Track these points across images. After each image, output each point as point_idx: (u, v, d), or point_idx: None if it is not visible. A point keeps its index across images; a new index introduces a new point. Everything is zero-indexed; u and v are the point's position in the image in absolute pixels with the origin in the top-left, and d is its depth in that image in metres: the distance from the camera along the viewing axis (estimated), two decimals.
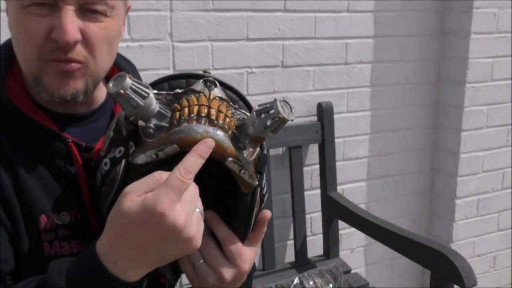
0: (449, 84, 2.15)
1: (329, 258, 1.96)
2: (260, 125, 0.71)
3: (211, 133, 0.68)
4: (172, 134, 0.67)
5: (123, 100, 0.68)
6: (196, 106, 0.70)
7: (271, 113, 0.71)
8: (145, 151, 0.69)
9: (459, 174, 2.16)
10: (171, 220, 0.61)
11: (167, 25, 1.64)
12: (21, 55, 0.81)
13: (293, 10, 1.82)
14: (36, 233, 0.81)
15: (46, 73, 0.79)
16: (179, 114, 0.70)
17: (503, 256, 2.43)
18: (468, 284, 1.40)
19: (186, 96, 0.73)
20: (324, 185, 1.94)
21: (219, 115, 0.71)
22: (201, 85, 0.74)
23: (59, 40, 0.75)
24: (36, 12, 0.76)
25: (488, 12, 2.04)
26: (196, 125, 0.68)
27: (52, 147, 0.82)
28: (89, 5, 0.77)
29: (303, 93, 1.91)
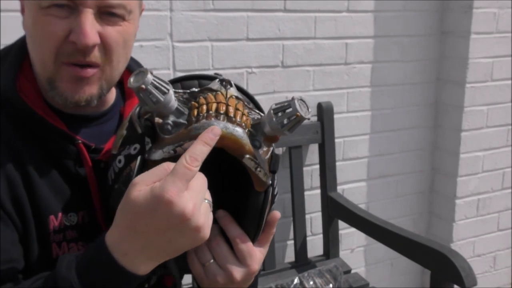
0: (449, 84, 2.15)
1: (329, 258, 1.96)
2: (277, 123, 0.72)
3: (231, 129, 0.68)
4: (191, 130, 0.68)
5: (144, 94, 0.68)
6: (214, 103, 0.71)
7: (289, 111, 0.71)
8: (163, 147, 0.70)
9: (459, 174, 2.16)
10: (179, 208, 0.61)
11: (167, 25, 1.64)
12: (37, 56, 0.81)
13: (293, 10, 1.82)
14: (45, 234, 0.81)
15: (61, 77, 0.79)
16: (197, 111, 0.71)
17: (503, 256, 2.43)
18: (468, 284, 1.40)
19: (203, 95, 0.73)
20: (324, 185, 1.94)
21: (237, 112, 0.71)
22: (218, 84, 0.74)
23: (78, 43, 0.76)
24: (55, 13, 0.76)
25: (488, 12, 2.04)
26: (215, 121, 0.68)
27: (62, 148, 0.82)
28: (108, 9, 0.77)
29: (303, 93, 1.91)
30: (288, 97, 1.87)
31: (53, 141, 0.82)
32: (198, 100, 0.72)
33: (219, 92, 0.73)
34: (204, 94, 0.73)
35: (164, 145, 0.70)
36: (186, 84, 0.78)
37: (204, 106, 0.71)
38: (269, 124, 0.72)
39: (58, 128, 0.82)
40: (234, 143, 0.69)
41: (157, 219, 0.62)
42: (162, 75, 1.66)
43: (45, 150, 0.82)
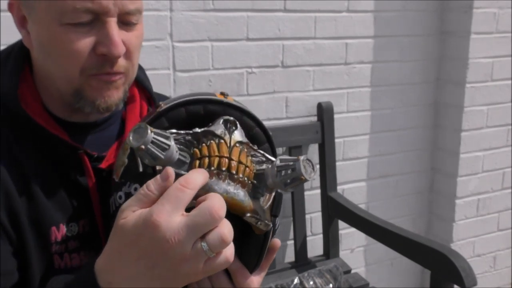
0: (449, 84, 2.15)
1: (329, 258, 1.96)
2: (280, 182, 0.71)
3: (231, 193, 0.68)
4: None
5: (143, 153, 0.66)
6: (216, 157, 0.69)
7: (293, 173, 0.70)
8: None
9: (459, 174, 2.16)
10: (163, 233, 0.57)
11: (167, 25, 1.64)
12: (60, 73, 0.79)
13: (293, 10, 1.82)
14: (46, 245, 0.80)
15: (90, 86, 0.78)
16: (198, 163, 0.69)
17: (503, 256, 2.43)
18: (468, 284, 1.40)
19: (206, 140, 0.71)
20: (324, 185, 1.94)
21: (240, 167, 0.70)
22: (222, 128, 0.72)
23: (109, 54, 0.75)
24: (77, 29, 0.74)
25: (488, 12, 2.04)
26: (216, 183, 0.67)
27: (64, 158, 0.81)
28: (127, 16, 0.77)
29: (303, 93, 1.91)
30: (288, 97, 1.87)
31: (54, 151, 0.81)
32: (201, 148, 0.70)
33: (223, 141, 0.70)
34: (207, 139, 0.71)
35: None
36: (191, 109, 0.75)
37: (206, 159, 0.69)
38: (272, 180, 0.71)
39: (60, 138, 0.81)
40: (235, 206, 0.68)
41: (143, 243, 0.58)
42: (162, 75, 1.67)
43: (46, 160, 0.81)
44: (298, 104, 1.91)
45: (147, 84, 0.95)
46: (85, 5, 0.72)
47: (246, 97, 1.81)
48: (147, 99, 0.95)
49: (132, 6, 0.76)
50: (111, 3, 0.73)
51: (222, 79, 1.76)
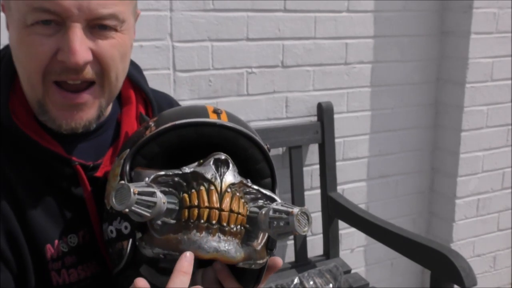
0: (449, 84, 2.15)
1: (329, 258, 1.96)
2: (273, 233, 0.70)
3: (222, 252, 0.67)
4: (181, 243, 0.66)
5: (129, 214, 0.65)
6: (206, 209, 0.67)
7: (286, 227, 0.68)
8: (152, 247, 0.68)
9: (459, 174, 2.16)
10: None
11: (167, 25, 1.64)
12: (24, 77, 0.75)
13: (293, 10, 1.82)
14: (43, 263, 0.78)
15: (52, 101, 0.74)
16: (187, 214, 0.68)
17: (503, 256, 2.43)
18: (468, 284, 1.40)
19: (195, 185, 0.69)
20: (324, 185, 1.94)
21: (231, 217, 0.69)
22: (212, 170, 0.69)
23: (67, 62, 0.70)
24: (41, 31, 0.70)
25: (488, 12, 2.04)
26: (206, 240, 0.66)
27: (58, 171, 0.79)
28: (98, 21, 0.71)
29: (303, 93, 1.91)
30: (288, 97, 1.87)
31: (48, 165, 0.79)
32: (190, 195, 0.68)
33: (213, 188, 0.68)
34: (197, 184, 0.69)
35: (154, 245, 0.68)
36: (182, 133, 0.73)
37: (196, 211, 0.67)
38: (265, 228, 0.70)
39: (54, 152, 0.78)
40: (226, 261, 0.68)
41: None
42: (162, 75, 1.67)
43: (40, 174, 0.78)
44: (298, 104, 1.91)
45: (143, 84, 0.92)
46: (43, 5, 0.69)
47: (246, 97, 1.81)
48: (143, 100, 0.92)
49: (105, 11, 0.71)
50: (74, 6, 0.69)
51: (222, 79, 1.76)
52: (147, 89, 0.92)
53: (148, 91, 0.92)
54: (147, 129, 0.75)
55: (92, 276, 0.82)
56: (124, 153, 0.74)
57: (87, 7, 0.69)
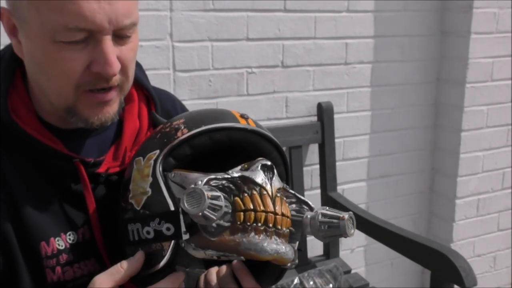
0: (449, 84, 2.15)
1: (329, 258, 1.96)
2: (321, 236, 0.72)
3: (282, 253, 0.69)
4: (239, 245, 0.68)
5: (198, 218, 0.67)
6: (263, 213, 0.69)
7: (336, 230, 0.71)
8: (205, 248, 0.69)
9: (459, 174, 2.16)
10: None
11: (167, 25, 1.64)
12: (53, 89, 0.77)
13: (293, 10, 1.82)
14: (37, 261, 0.79)
15: (83, 104, 0.77)
16: (243, 217, 0.69)
17: (503, 256, 2.43)
18: (468, 284, 1.40)
19: (246, 189, 0.71)
20: (324, 185, 1.94)
21: (283, 221, 0.71)
22: (261, 175, 0.72)
23: (104, 73, 0.73)
24: (70, 47, 0.72)
25: (488, 12, 2.04)
26: (266, 242, 0.68)
27: (58, 168, 0.80)
28: (123, 31, 0.75)
29: (303, 93, 1.91)
30: (288, 97, 1.87)
31: (48, 162, 0.79)
32: (243, 199, 0.70)
33: (265, 193, 0.71)
34: (249, 188, 0.71)
35: (207, 247, 0.69)
36: (215, 136, 0.75)
37: (252, 214, 0.69)
38: (312, 232, 0.73)
39: (54, 149, 0.79)
40: (283, 261, 0.70)
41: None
42: (162, 75, 1.67)
43: (40, 171, 0.79)
44: (298, 104, 1.91)
45: (145, 82, 0.93)
46: (78, 25, 0.70)
47: (246, 97, 1.81)
48: (145, 97, 0.93)
49: (128, 21, 0.74)
50: (105, 21, 0.71)
51: (222, 79, 1.76)
52: (149, 87, 0.93)
53: (150, 89, 0.94)
54: (178, 131, 0.76)
55: (89, 274, 0.82)
56: (153, 154, 0.75)
57: (115, 20, 0.72)
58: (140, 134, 0.89)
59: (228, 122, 0.76)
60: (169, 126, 0.78)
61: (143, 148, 0.79)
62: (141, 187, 0.74)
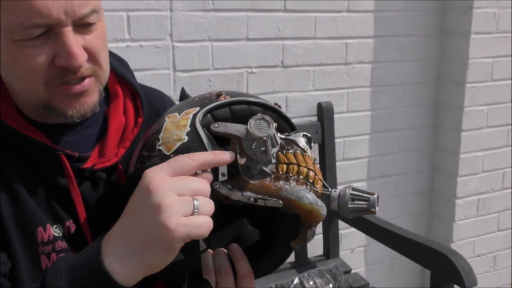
0: (449, 84, 2.15)
1: (329, 258, 1.96)
2: (349, 210, 0.74)
3: (319, 206, 0.70)
4: (281, 190, 0.68)
5: (259, 144, 0.68)
6: (305, 168, 0.71)
7: (365, 205, 0.73)
8: (243, 190, 0.68)
9: (459, 174, 2.16)
10: (149, 179, 0.61)
11: (167, 25, 1.64)
12: (23, 88, 0.76)
13: (293, 10, 1.82)
14: (33, 246, 0.78)
15: (57, 99, 0.76)
16: (286, 168, 0.70)
17: (503, 256, 2.43)
18: (468, 284, 1.40)
19: (291, 149, 0.72)
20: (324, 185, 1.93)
21: (320, 182, 0.73)
22: (304, 142, 0.74)
23: (70, 66, 0.72)
24: (31, 44, 0.71)
25: (488, 12, 2.04)
26: (306, 192, 0.69)
27: (42, 160, 0.80)
28: (83, 20, 0.73)
29: (303, 93, 1.91)
30: (288, 97, 1.87)
31: (32, 154, 0.79)
32: (286, 154, 0.71)
33: (308, 155, 0.73)
34: (292, 148, 0.72)
35: (245, 189, 0.69)
36: (236, 109, 0.76)
37: (296, 167, 0.70)
38: (341, 204, 0.74)
39: (36, 140, 0.79)
40: (316, 219, 0.70)
41: (134, 195, 0.63)
42: (162, 75, 1.67)
43: (26, 164, 0.79)
44: (298, 104, 1.91)
45: (129, 78, 0.92)
46: (34, 21, 0.69)
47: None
48: (131, 93, 0.92)
49: (86, 9, 0.72)
50: (62, 13, 0.69)
51: (222, 79, 1.76)
52: (134, 82, 0.92)
53: (135, 83, 0.92)
54: (220, 96, 0.77)
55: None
56: (192, 110, 0.75)
57: (71, 10, 0.70)
58: (126, 131, 0.88)
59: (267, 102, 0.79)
60: (208, 94, 0.79)
61: (177, 107, 0.78)
62: (175, 135, 0.73)
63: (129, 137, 0.87)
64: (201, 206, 0.62)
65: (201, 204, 0.62)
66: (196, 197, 0.63)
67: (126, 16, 1.57)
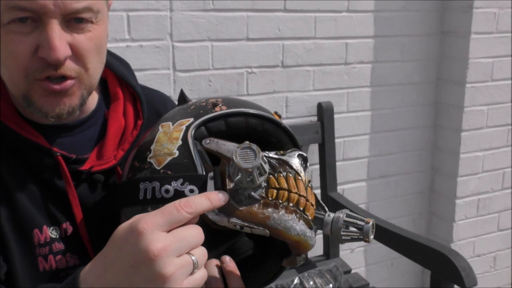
0: (449, 84, 2.15)
1: (329, 258, 1.96)
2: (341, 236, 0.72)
3: (307, 237, 0.68)
4: (268, 219, 0.67)
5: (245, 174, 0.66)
6: (297, 195, 0.69)
7: (359, 232, 0.71)
8: (229, 216, 0.67)
9: (459, 174, 2.16)
10: (146, 242, 0.56)
11: (167, 25, 1.64)
12: (7, 75, 0.76)
13: (293, 10, 1.82)
14: (29, 248, 0.78)
15: (37, 93, 0.75)
16: (276, 193, 0.68)
17: (503, 256, 2.43)
18: (468, 284, 1.40)
19: (282, 170, 0.70)
20: (324, 185, 1.94)
21: (311, 210, 0.70)
22: (298, 163, 0.72)
23: (48, 59, 0.71)
24: (18, 30, 0.71)
25: (488, 12, 2.04)
26: (294, 222, 0.67)
27: (39, 162, 0.79)
28: (74, 15, 0.72)
29: (303, 93, 1.91)
30: (288, 97, 1.87)
31: (29, 155, 0.79)
32: (278, 178, 0.69)
33: (300, 179, 0.70)
34: (284, 171, 0.70)
35: (232, 215, 0.67)
36: (231, 121, 0.74)
37: (286, 193, 0.68)
38: (333, 230, 0.72)
39: (33, 142, 0.79)
40: (304, 249, 0.69)
41: (124, 251, 0.58)
42: (162, 75, 1.67)
43: (24, 165, 0.79)
44: (298, 104, 1.91)
45: (130, 80, 0.92)
46: (18, 3, 0.69)
47: (246, 97, 1.81)
48: (131, 95, 0.92)
49: (78, 5, 0.72)
50: (50, 3, 0.69)
51: (222, 79, 1.76)
52: (135, 85, 0.92)
53: (136, 86, 0.92)
54: (216, 106, 0.74)
55: (79, 265, 0.82)
56: (186, 121, 0.73)
57: (62, 2, 0.70)
58: (125, 133, 0.87)
59: (264, 112, 0.76)
60: (205, 101, 0.77)
61: (171, 115, 0.76)
62: (166, 148, 0.71)
63: (128, 139, 0.86)
64: (199, 260, 0.61)
65: (198, 258, 0.61)
66: (192, 251, 0.60)
67: (126, 16, 1.57)
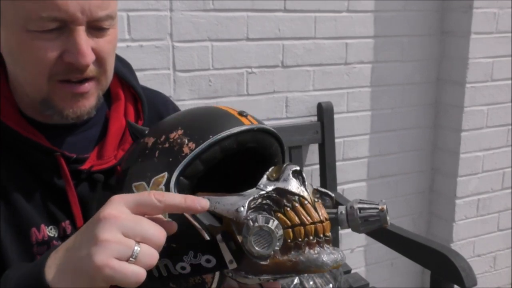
0: (449, 84, 2.15)
1: None
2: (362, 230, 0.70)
3: (339, 261, 0.65)
4: (298, 264, 0.63)
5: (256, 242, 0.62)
6: (312, 226, 0.64)
7: (377, 222, 0.69)
8: (259, 274, 0.64)
9: (459, 174, 2.16)
10: (106, 206, 0.58)
11: (167, 25, 1.64)
12: (27, 79, 0.77)
13: (293, 10, 1.82)
14: (27, 247, 0.78)
15: (58, 96, 0.77)
16: (292, 234, 0.64)
17: (503, 256, 2.43)
18: (468, 284, 1.40)
19: (286, 202, 0.65)
20: (324, 185, 1.94)
21: (328, 226, 0.67)
22: (295, 183, 0.66)
23: (76, 63, 0.74)
24: (43, 36, 0.72)
25: (488, 12, 2.04)
26: (322, 254, 0.64)
27: (39, 161, 0.80)
28: (97, 23, 0.75)
29: (303, 93, 1.91)
30: (288, 97, 1.87)
31: (29, 154, 0.80)
32: (286, 213, 0.64)
33: (307, 202, 0.65)
34: (288, 201, 0.65)
35: (260, 272, 0.64)
36: (225, 146, 0.68)
37: (302, 229, 0.64)
38: (352, 227, 0.70)
39: (33, 141, 0.79)
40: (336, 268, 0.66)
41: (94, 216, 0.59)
42: (162, 75, 1.67)
43: (23, 164, 0.80)
44: (298, 104, 1.91)
45: (132, 81, 0.92)
46: (51, 14, 0.70)
47: (246, 97, 1.81)
48: (132, 96, 0.93)
49: (103, 13, 0.74)
50: (78, 11, 0.71)
51: (222, 79, 1.76)
52: (136, 86, 0.93)
53: (137, 87, 0.93)
54: (183, 146, 0.67)
55: None
56: (160, 178, 0.67)
57: (88, 10, 0.72)
58: (126, 133, 0.88)
59: (232, 125, 0.69)
60: (167, 141, 0.69)
61: (140, 170, 0.70)
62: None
63: (129, 139, 0.86)
64: (141, 255, 0.57)
65: (141, 253, 0.57)
66: (141, 244, 0.57)
67: (126, 16, 1.57)
